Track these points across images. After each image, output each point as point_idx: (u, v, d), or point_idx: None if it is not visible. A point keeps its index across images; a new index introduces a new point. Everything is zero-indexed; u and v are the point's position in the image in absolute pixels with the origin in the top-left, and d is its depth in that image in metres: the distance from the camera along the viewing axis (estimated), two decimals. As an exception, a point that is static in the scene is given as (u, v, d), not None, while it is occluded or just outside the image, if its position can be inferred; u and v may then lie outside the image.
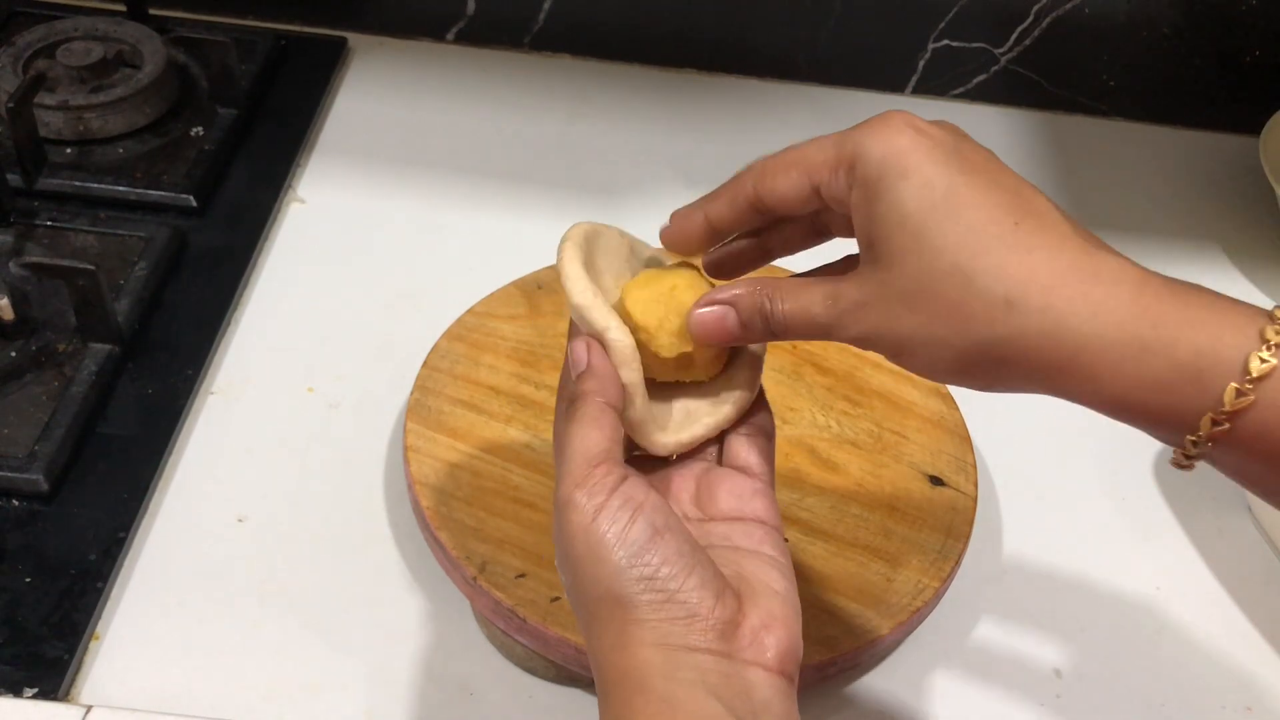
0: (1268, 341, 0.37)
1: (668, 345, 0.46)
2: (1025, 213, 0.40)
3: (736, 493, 0.47)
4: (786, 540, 0.47)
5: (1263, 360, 0.37)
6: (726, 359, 0.48)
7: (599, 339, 0.45)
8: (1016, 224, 0.39)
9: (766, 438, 0.49)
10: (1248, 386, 0.37)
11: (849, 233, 0.44)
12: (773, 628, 0.41)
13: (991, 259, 0.39)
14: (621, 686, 0.40)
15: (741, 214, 0.46)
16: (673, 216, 0.47)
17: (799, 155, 0.44)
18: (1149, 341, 0.38)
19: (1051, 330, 0.38)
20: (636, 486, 0.42)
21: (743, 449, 0.48)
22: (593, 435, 0.43)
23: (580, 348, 0.45)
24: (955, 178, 0.40)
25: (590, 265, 0.47)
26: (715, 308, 0.45)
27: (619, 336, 0.45)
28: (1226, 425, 0.37)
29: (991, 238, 0.39)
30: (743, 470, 0.48)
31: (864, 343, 0.43)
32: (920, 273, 0.40)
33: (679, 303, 0.46)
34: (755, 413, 0.49)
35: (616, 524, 0.41)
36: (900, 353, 0.42)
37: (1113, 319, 0.38)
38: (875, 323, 0.42)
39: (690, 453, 0.48)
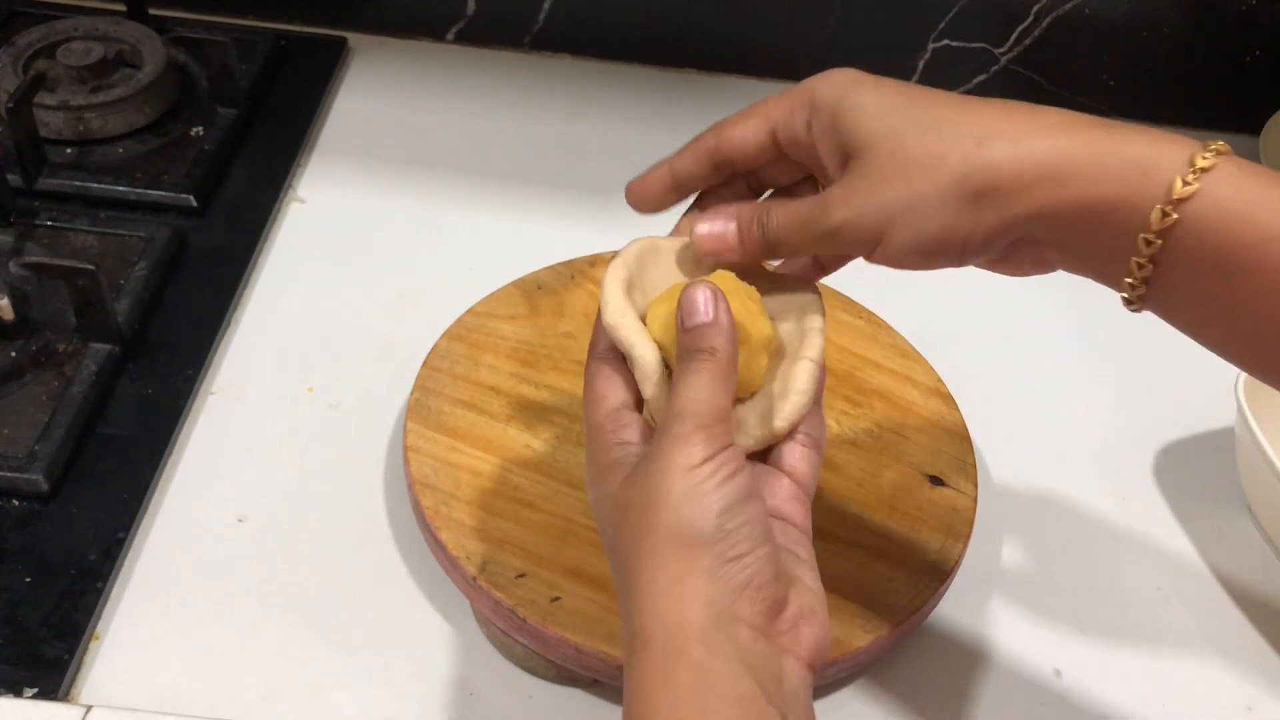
0: (1209, 148, 0.42)
1: None
2: (976, 99, 0.46)
3: (780, 494, 0.47)
4: None
5: (1204, 158, 0.41)
6: (767, 371, 0.48)
7: (628, 356, 0.46)
8: (972, 100, 0.45)
9: (817, 450, 0.49)
10: (1192, 178, 0.41)
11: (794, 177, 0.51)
12: (810, 620, 0.43)
13: (956, 115, 0.45)
14: (660, 645, 0.41)
15: (703, 166, 0.50)
16: (639, 178, 0.51)
17: (756, 107, 0.49)
18: (1104, 148, 0.43)
19: (1020, 152, 0.43)
20: (740, 455, 0.44)
21: (793, 455, 0.48)
22: (720, 393, 0.44)
23: (701, 296, 0.45)
24: (906, 85, 0.46)
25: (639, 281, 0.49)
26: (716, 223, 0.49)
27: (643, 354, 0.46)
28: (1175, 217, 0.41)
29: (953, 106, 0.45)
30: (789, 475, 0.48)
31: (850, 226, 0.45)
32: (894, 143, 0.44)
33: None
34: (811, 423, 0.49)
35: (722, 473, 0.42)
36: (887, 224, 0.45)
37: (1072, 136, 0.43)
38: (859, 203, 0.45)
39: None
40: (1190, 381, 0.78)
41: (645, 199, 0.51)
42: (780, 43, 0.97)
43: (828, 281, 0.75)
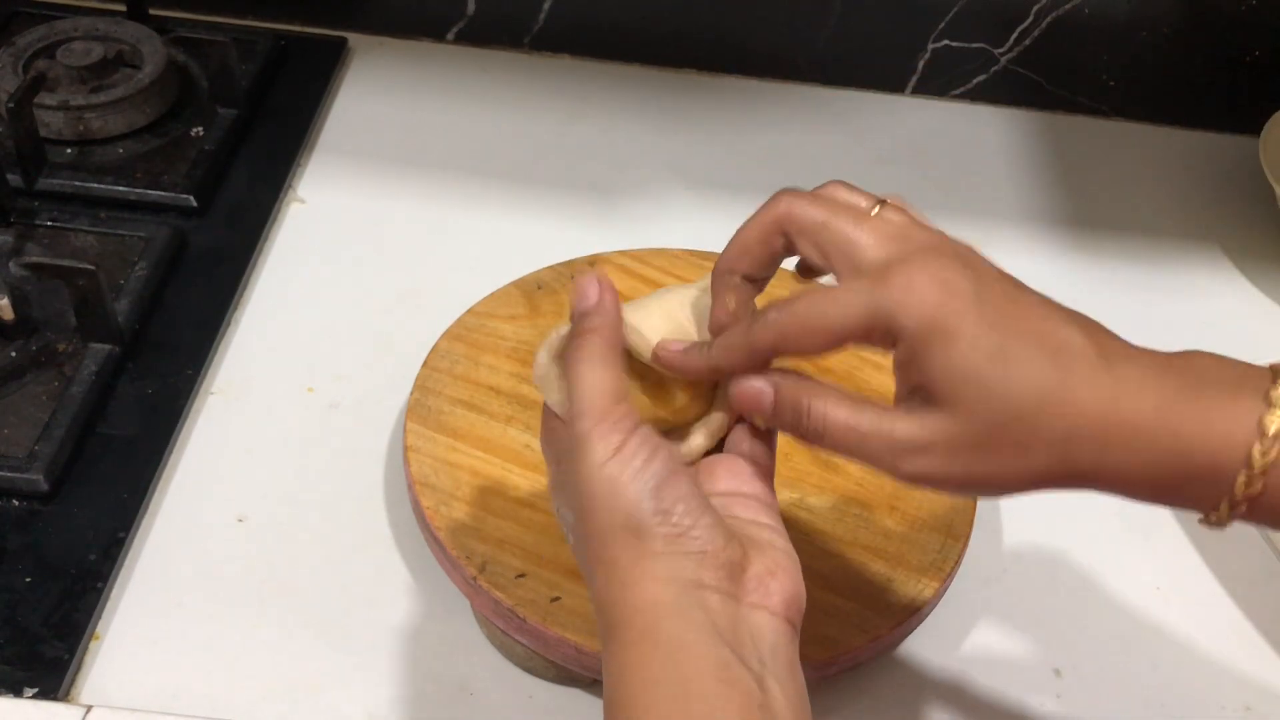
0: (1273, 403, 0.41)
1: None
2: (1060, 347, 0.43)
3: (735, 473, 0.48)
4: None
5: (1274, 417, 0.41)
6: (710, 400, 0.49)
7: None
8: (1055, 360, 0.43)
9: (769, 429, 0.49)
10: (1268, 444, 0.41)
11: None
12: (776, 574, 0.43)
13: (1049, 399, 0.42)
14: (630, 628, 0.41)
15: (754, 365, 0.47)
16: (680, 353, 0.48)
17: (820, 318, 0.44)
18: (1172, 448, 0.42)
19: (1101, 461, 0.43)
20: (651, 433, 0.43)
21: (745, 439, 0.49)
22: (606, 374, 0.44)
23: (590, 284, 0.45)
24: (995, 325, 0.43)
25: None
26: (755, 384, 0.46)
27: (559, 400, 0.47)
28: (1260, 485, 0.42)
29: (1042, 382, 0.42)
30: (744, 457, 0.48)
31: (918, 480, 0.45)
32: (983, 423, 0.42)
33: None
34: None
35: (637, 459, 0.42)
36: (962, 489, 0.45)
37: (1144, 441, 0.42)
38: (938, 467, 0.44)
39: None
40: (1190, 381, 0.78)
41: (678, 372, 0.48)
42: (780, 43, 0.97)
43: (827, 280, 0.75)
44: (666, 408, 0.49)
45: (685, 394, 0.49)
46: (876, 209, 0.46)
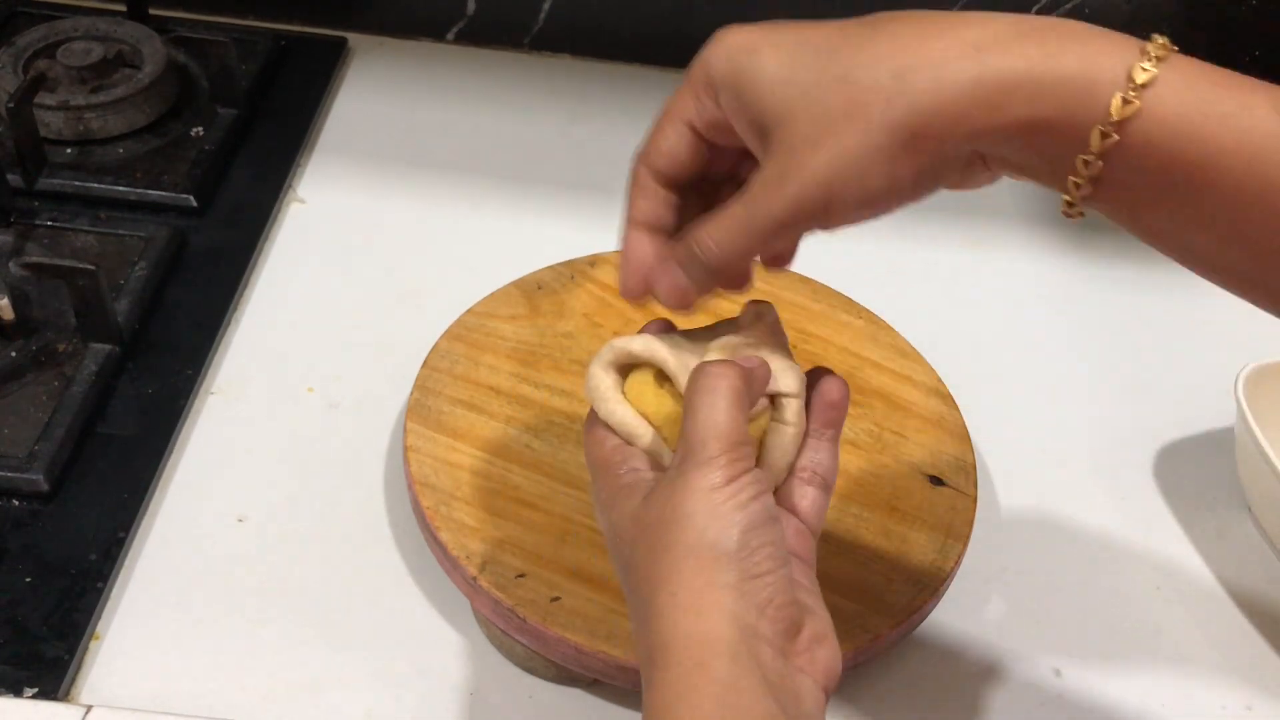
0: (1148, 54, 0.39)
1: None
2: (877, 20, 0.41)
3: (787, 530, 0.47)
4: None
5: (1144, 70, 0.38)
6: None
7: (629, 439, 0.47)
8: (874, 27, 0.41)
9: (824, 489, 0.49)
10: (1132, 95, 0.38)
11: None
12: (824, 643, 0.43)
13: (865, 54, 0.40)
14: (685, 655, 0.40)
15: (663, 198, 0.47)
16: (621, 264, 0.47)
17: (664, 113, 0.46)
18: (1036, 62, 0.39)
19: (941, 80, 0.39)
20: (762, 478, 0.44)
21: (797, 492, 0.48)
22: (738, 414, 0.44)
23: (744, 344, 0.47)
24: (800, 32, 0.42)
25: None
26: (667, 277, 0.46)
27: (642, 436, 0.48)
28: (1115, 138, 0.38)
29: (858, 42, 0.41)
30: (794, 512, 0.48)
31: (794, 209, 0.42)
32: (808, 107, 0.41)
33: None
34: (820, 460, 0.49)
35: (745, 493, 0.42)
36: (830, 192, 0.41)
37: (1000, 56, 0.39)
38: (792, 181, 0.41)
39: None
40: (1190, 381, 0.78)
41: (642, 277, 0.47)
42: (780, 43, 0.97)
43: (827, 280, 0.75)
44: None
45: None
46: None
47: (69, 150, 0.82)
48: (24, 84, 0.78)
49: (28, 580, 0.60)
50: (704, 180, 0.48)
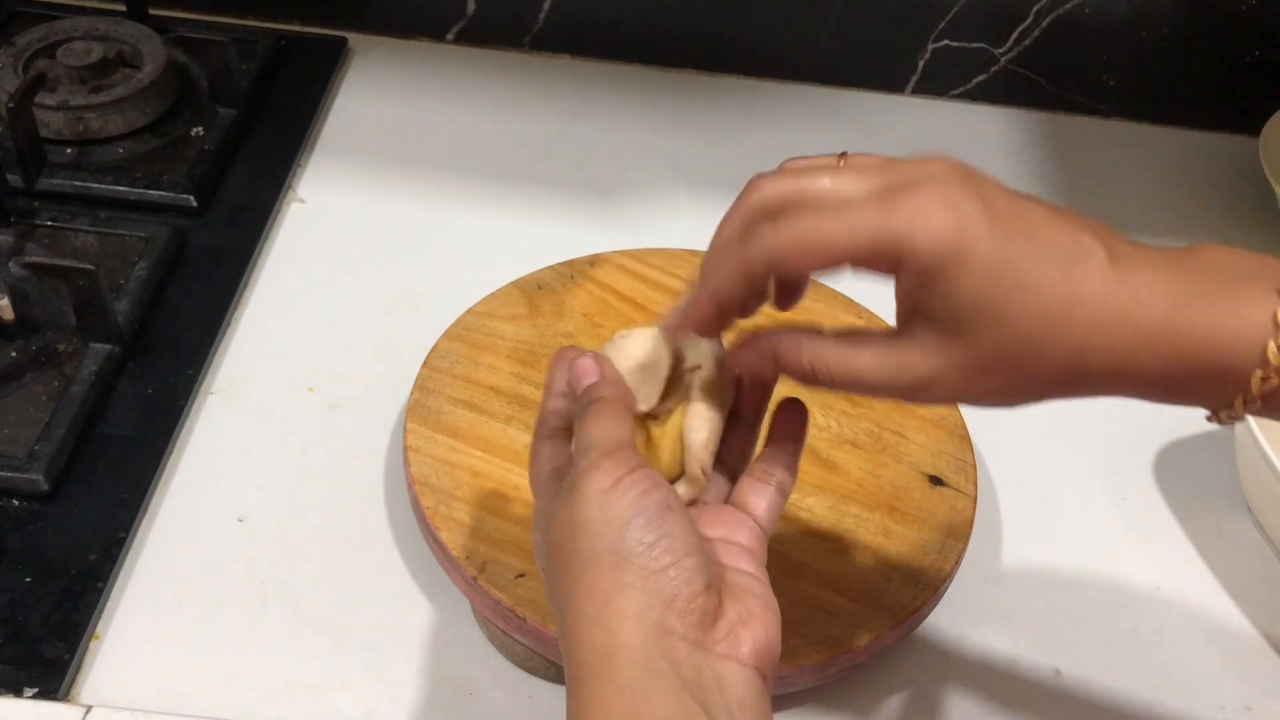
0: (1279, 326, 0.40)
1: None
2: (1070, 256, 0.42)
3: (731, 522, 0.48)
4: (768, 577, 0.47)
5: (1279, 349, 0.40)
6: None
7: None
8: (1067, 274, 0.41)
9: (780, 493, 0.49)
10: (1274, 370, 0.40)
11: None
12: (750, 623, 0.43)
13: (1056, 316, 0.41)
14: (597, 670, 0.41)
15: (754, 293, 0.45)
16: (683, 312, 0.47)
17: (823, 240, 0.42)
18: (1184, 348, 0.41)
19: (1117, 364, 0.42)
20: (652, 473, 0.44)
21: (751, 494, 0.49)
22: (616, 426, 0.45)
23: (589, 363, 0.47)
24: (1006, 247, 0.41)
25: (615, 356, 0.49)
26: (756, 352, 0.47)
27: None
28: (1275, 380, 0.40)
29: (1053, 300, 0.41)
30: (745, 509, 0.48)
31: (922, 400, 0.45)
32: (994, 345, 0.42)
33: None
34: (777, 469, 0.49)
35: (633, 492, 0.42)
36: (976, 405, 0.45)
37: (1156, 344, 0.41)
38: (951, 393, 0.44)
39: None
40: (1190, 381, 0.78)
41: (697, 333, 0.47)
42: (780, 43, 0.97)
43: (827, 280, 0.75)
44: (654, 465, 0.49)
45: (671, 450, 0.49)
46: (841, 160, 0.46)
47: (69, 150, 0.82)
48: (24, 84, 0.78)
49: (28, 580, 0.60)
50: None
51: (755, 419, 0.51)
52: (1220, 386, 0.41)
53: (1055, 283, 0.41)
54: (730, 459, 0.50)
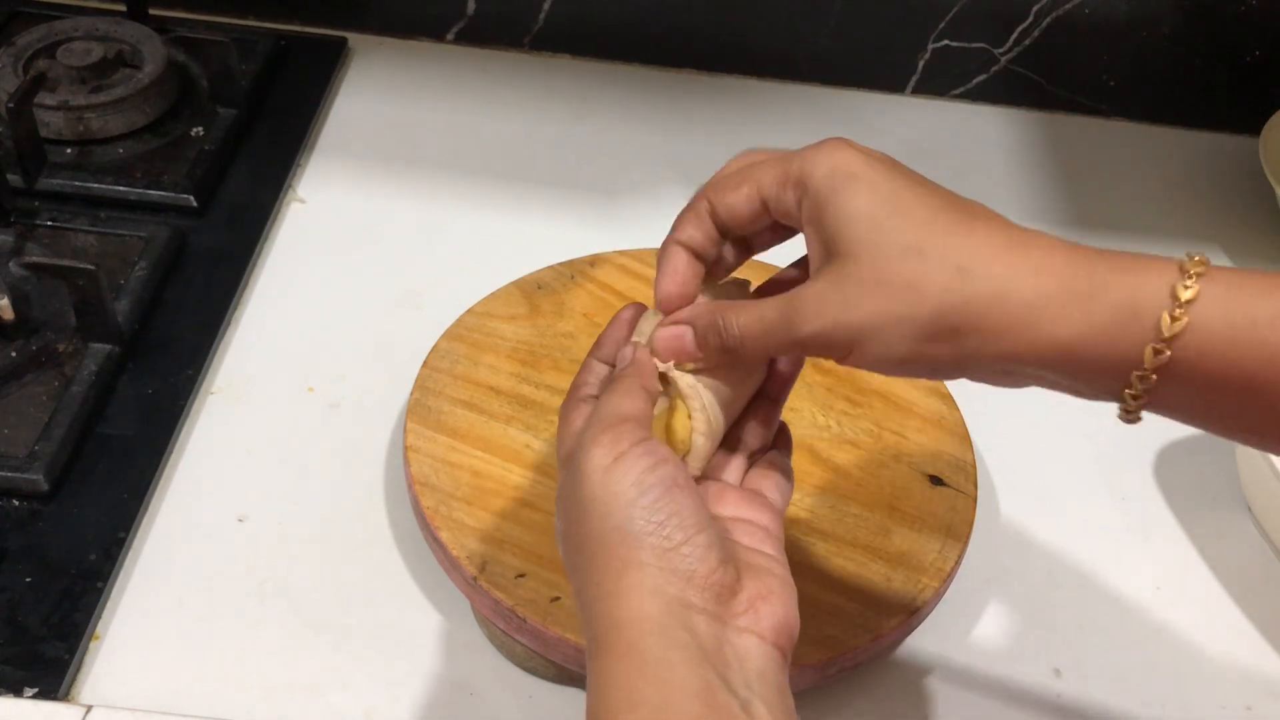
0: (1187, 272, 0.41)
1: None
2: (964, 207, 0.44)
3: (747, 502, 0.48)
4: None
5: (1186, 287, 0.41)
6: None
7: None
8: (959, 213, 0.44)
9: (785, 475, 0.50)
10: (1179, 311, 0.40)
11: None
12: (769, 599, 0.43)
13: (941, 238, 0.43)
14: (614, 641, 0.40)
15: (709, 231, 0.48)
16: (660, 271, 0.49)
17: (749, 172, 0.47)
18: (1086, 290, 0.42)
19: (1001, 291, 0.42)
20: (660, 447, 0.44)
21: (761, 480, 0.50)
22: (626, 401, 0.45)
23: (628, 350, 0.48)
24: (898, 181, 0.44)
25: None
26: (674, 328, 0.48)
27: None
28: (1167, 353, 0.41)
29: (940, 224, 0.43)
30: (758, 491, 0.49)
31: (820, 338, 0.44)
32: (876, 258, 0.43)
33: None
34: (782, 453, 0.51)
35: (636, 468, 0.42)
36: (858, 339, 0.44)
37: (1053, 277, 0.42)
38: (833, 314, 0.44)
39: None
40: (1190, 381, 0.78)
41: (677, 291, 0.49)
42: (780, 43, 0.97)
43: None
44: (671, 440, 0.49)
45: (686, 425, 0.49)
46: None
47: (69, 150, 0.82)
48: (24, 84, 0.78)
49: (28, 580, 0.60)
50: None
51: (779, 399, 0.52)
52: (1115, 363, 0.41)
53: (944, 214, 0.43)
54: (751, 438, 0.51)
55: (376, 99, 0.93)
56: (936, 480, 0.65)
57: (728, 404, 0.49)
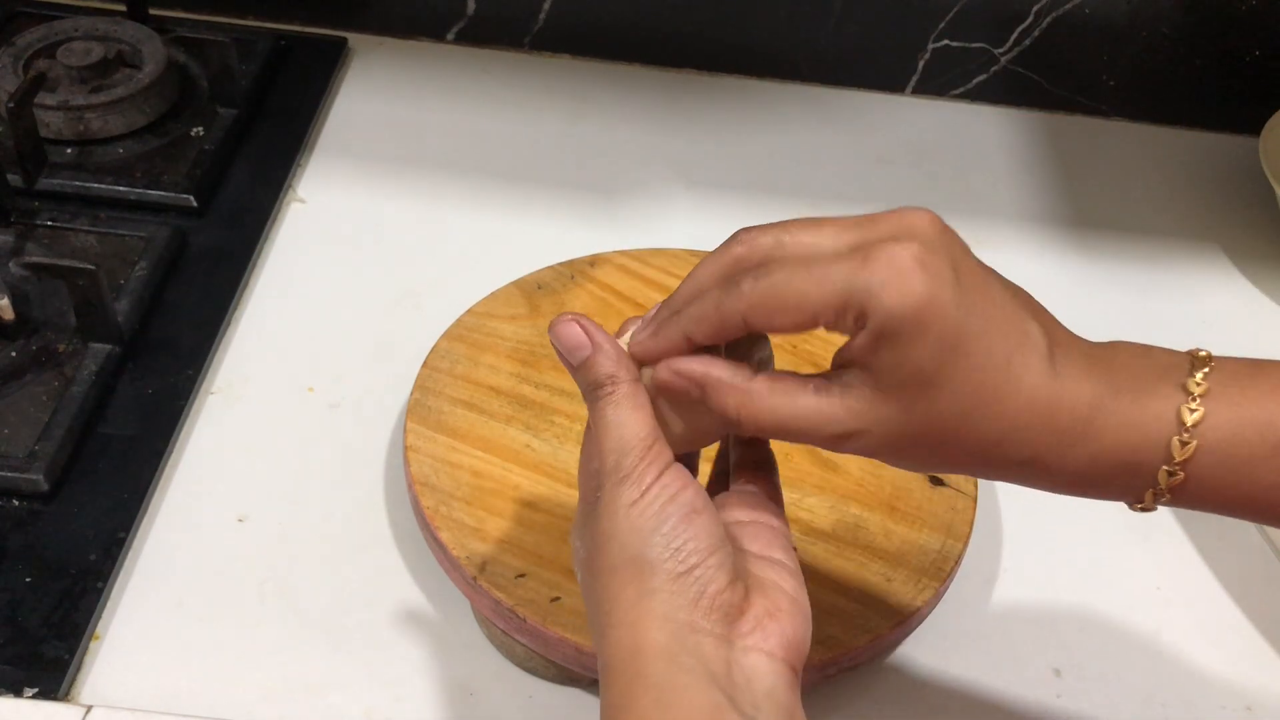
0: (1190, 394, 0.42)
1: None
2: (1016, 343, 0.42)
3: (747, 503, 0.48)
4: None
5: (1192, 410, 0.42)
6: None
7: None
8: (1009, 360, 0.42)
9: (771, 467, 0.50)
10: (1187, 436, 0.42)
11: None
12: (777, 616, 0.43)
13: (990, 402, 0.42)
14: (625, 670, 0.41)
15: (724, 339, 0.44)
16: (652, 331, 0.45)
17: (798, 294, 0.41)
18: (1098, 443, 0.43)
19: (1034, 457, 0.43)
20: (680, 473, 0.44)
21: (748, 477, 0.49)
22: (637, 418, 0.44)
23: (573, 329, 0.45)
24: (964, 321, 0.40)
25: None
26: (684, 374, 0.44)
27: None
28: (1181, 475, 0.43)
29: (991, 384, 0.41)
30: (752, 486, 0.49)
31: (846, 448, 0.43)
32: (927, 414, 0.42)
33: None
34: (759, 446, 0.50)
35: (661, 498, 0.43)
36: (890, 463, 0.45)
37: (1072, 439, 0.43)
38: (870, 450, 0.43)
39: None
40: (1190, 381, 0.78)
41: (656, 359, 0.45)
42: (780, 43, 0.97)
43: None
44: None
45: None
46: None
47: (69, 150, 0.82)
48: (24, 84, 0.78)
49: (28, 580, 0.60)
50: None
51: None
52: (1130, 482, 0.44)
53: (998, 367, 0.41)
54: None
55: (376, 99, 0.93)
56: (936, 480, 0.65)
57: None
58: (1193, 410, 0.42)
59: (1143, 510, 0.45)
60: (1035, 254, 0.86)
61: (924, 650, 0.63)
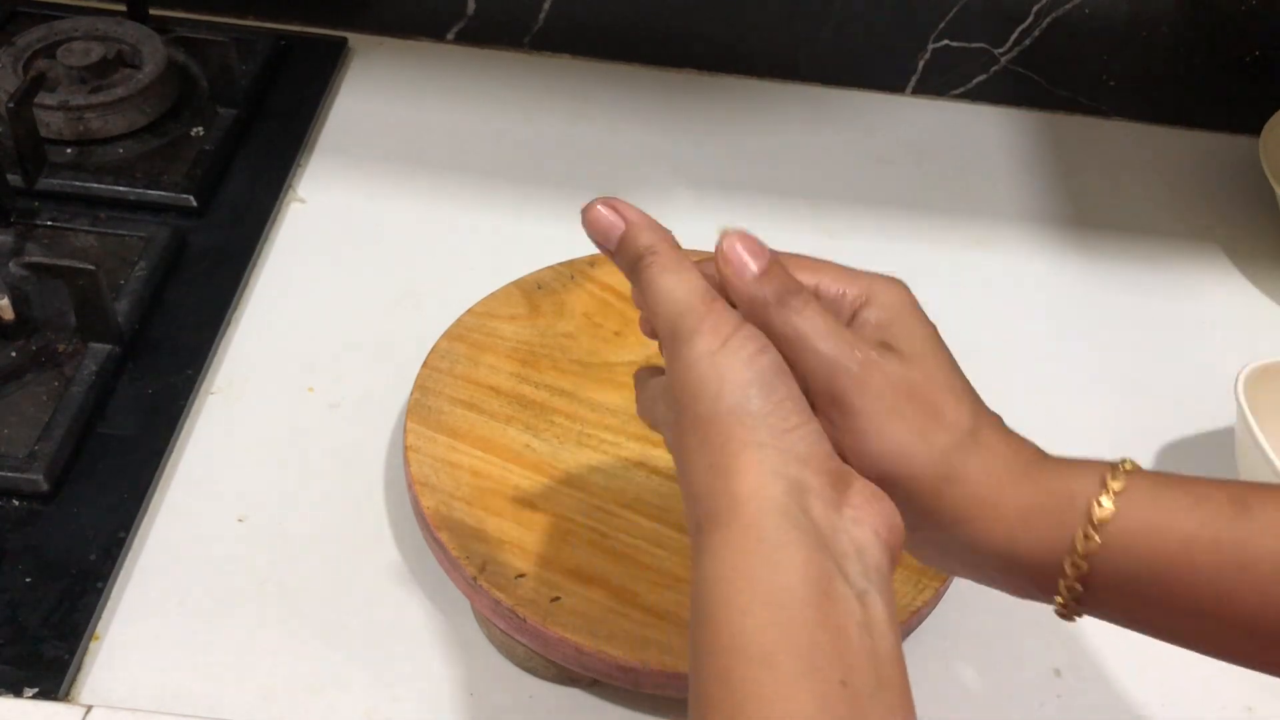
0: (1117, 472, 0.43)
1: None
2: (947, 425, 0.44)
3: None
4: None
5: (1101, 505, 0.42)
6: None
7: None
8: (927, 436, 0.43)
9: None
10: (1107, 501, 0.42)
11: None
12: (881, 498, 0.40)
13: (909, 460, 0.43)
14: (732, 518, 0.38)
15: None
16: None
17: (831, 274, 0.47)
18: (1026, 511, 0.44)
19: (965, 517, 0.44)
20: (760, 334, 0.41)
21: None
22: (686, 279, 0.42)
23: (602, 212, 0.46)
24: (936, 341, 0.47)
25: None
26: (754, 247, 0.44)
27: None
28: (1086, 566, 0.42)
29: (962, 407, 0.46)
30: None
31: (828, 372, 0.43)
32: (917, 385, 0.45)
33: None
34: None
35: (746, 349, 0.40)
36: (864, 416, 0.43)
37: (1004, 515, 0.44)
38: (870, 382, 0.43)
39: None
40: (1190, 381, 0.78)
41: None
42: (780, 43, 0.97)
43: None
44: None
45: None
46: None
47: (69, 150, 0.82)
48: (24, 84, 0.78)
49: (28, 580, 0.60)
50: None
51: None
52: (1048, 543, 0.43)
53: (921, 436, 0.43)
54: None
55: (376, 99, 0.93)
56: (936, 480, 0.65)
57: None
58: (1117, 479, 0.43)
59: (1065, 615, 0.45)
60: (1035, 254, 0.86)
61: (924, 650, 0.63)
